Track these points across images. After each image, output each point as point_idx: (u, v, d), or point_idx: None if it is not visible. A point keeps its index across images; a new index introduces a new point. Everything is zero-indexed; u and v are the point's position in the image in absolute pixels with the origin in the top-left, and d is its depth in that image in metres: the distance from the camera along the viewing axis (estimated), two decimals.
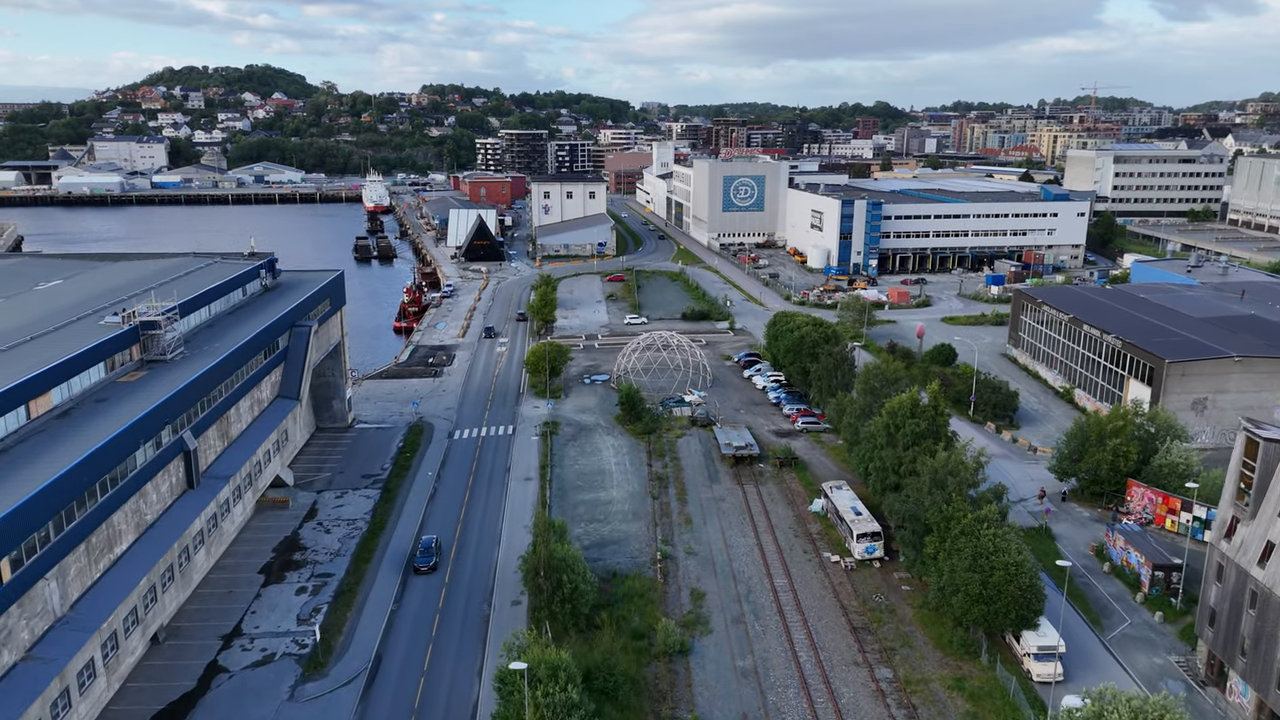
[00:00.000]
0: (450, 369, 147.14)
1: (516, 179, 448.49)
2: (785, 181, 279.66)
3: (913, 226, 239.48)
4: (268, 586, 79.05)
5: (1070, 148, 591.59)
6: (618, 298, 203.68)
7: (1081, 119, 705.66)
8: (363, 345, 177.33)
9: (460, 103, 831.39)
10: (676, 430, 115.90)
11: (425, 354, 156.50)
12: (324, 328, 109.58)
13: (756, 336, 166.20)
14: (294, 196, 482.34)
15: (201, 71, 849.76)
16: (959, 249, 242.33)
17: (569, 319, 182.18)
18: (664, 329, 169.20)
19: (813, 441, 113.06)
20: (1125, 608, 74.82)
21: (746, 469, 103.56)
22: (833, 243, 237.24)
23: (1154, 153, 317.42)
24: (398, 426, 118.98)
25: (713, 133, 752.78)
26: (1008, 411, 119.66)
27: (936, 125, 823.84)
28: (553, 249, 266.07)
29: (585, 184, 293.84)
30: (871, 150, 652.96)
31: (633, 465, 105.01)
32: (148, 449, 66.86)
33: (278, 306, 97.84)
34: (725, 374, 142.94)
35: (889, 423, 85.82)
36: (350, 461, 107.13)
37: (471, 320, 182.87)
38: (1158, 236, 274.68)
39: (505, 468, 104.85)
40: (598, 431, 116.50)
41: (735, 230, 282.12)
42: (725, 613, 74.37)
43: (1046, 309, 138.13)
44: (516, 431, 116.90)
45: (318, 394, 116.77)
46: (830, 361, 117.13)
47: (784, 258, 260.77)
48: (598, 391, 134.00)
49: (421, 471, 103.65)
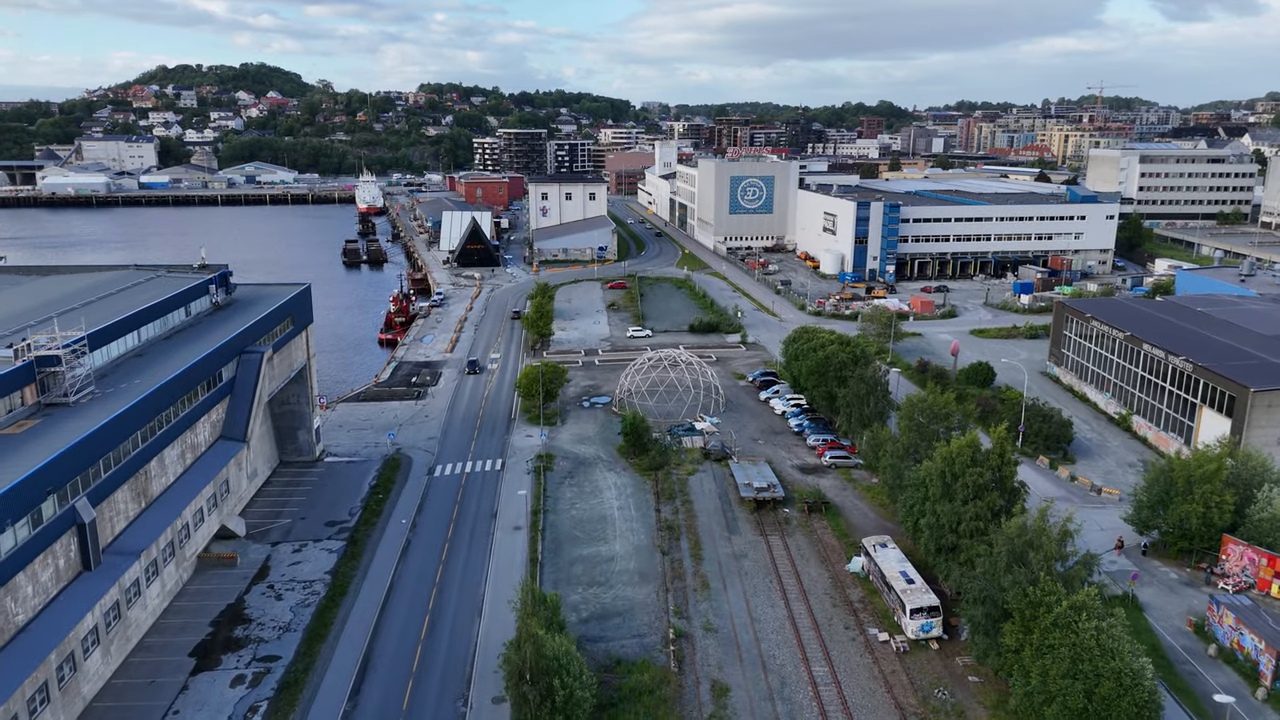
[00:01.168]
0: (435, 389, 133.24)
1: (514, 179, 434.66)
2: (795, 182, 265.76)
3: (931, 230, 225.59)
4: (198, 674, 65.12)
5: (1081, 147, 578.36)
6: (620, 307, 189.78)
7: (1091, 118, 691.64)
8: (344, 360, 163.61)
9: (458, 102, 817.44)
10: (687, 465, 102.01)
11: (409, 372, 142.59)
12: (286, 351, 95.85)
13: (771, 351, 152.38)
14: (285, 197, 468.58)
15: (195, 70, 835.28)
16: (981, 254, 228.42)
17: (567, 331, 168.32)
18: (670, 343, 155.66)
19: (843, 479, 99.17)
20: (1247, 709, 60.92)
21: (770, 515, 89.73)
22: (847, 247, 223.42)
23: (1181, 152, 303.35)
24: (371, 460, 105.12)
25: (715, 132, 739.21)
26: (1061, 443, 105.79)
27: (942, 125, 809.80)
28: (550, 254, 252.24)
29: (585, 185, 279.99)
30: (877, 150, 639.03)
31: (638, 510, 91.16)
32: (19, 529, 52.75)
33: (226, 329, 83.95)
34: (739, 396, 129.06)
35: (944, 470, 72.03)
36: (314, 504, 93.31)
37: (461, 332, 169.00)
38: (1187, 240, 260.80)
39: (491, 513, 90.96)
40: (598, 466, 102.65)
41: (743, 233, 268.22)
42: (755, 715, 60.54)
43: (1096, 324, 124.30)
44: (506, 467, 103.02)
45: (281, 424, 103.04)
46: (861, 387, 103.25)
47: (795, 263, 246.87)
48: (598, 417, 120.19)
49: (395, 519, 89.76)
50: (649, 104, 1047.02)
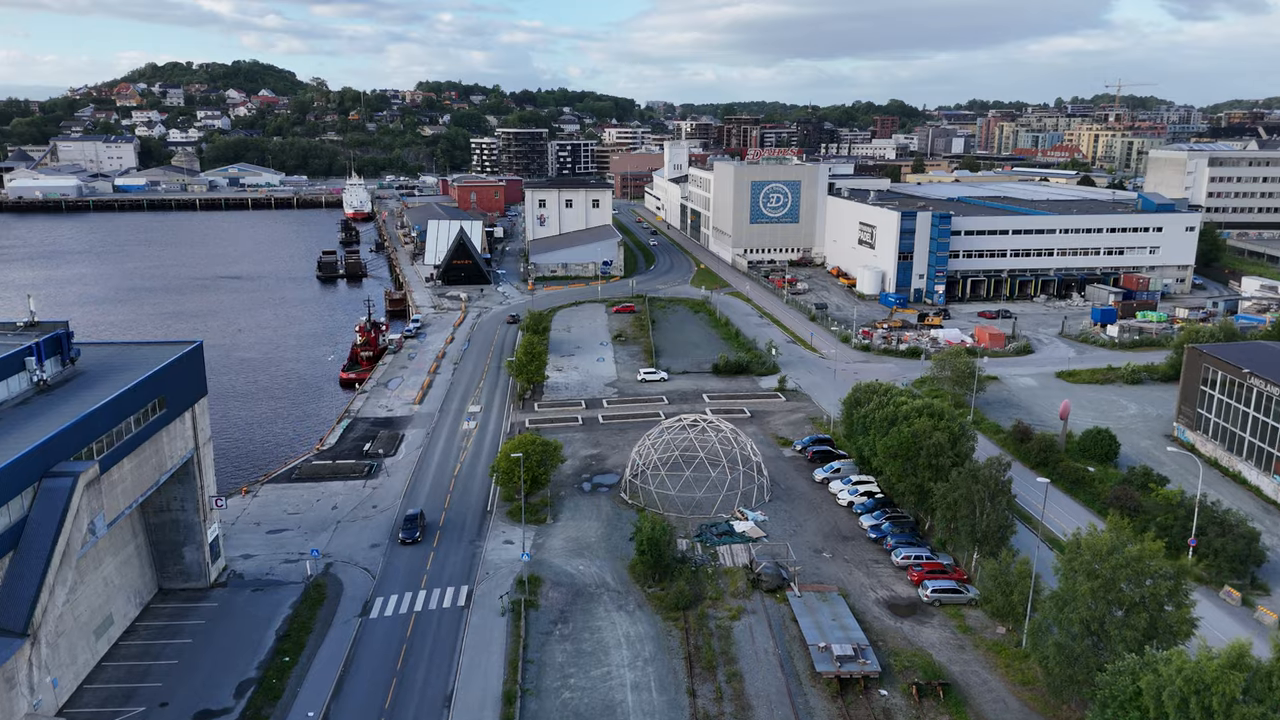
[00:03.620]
0: (393, 461, 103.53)
1: (512, 182, 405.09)
2: (825, 188, 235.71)
3: (985, 243, 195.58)
4: None
5: (1112, 147, 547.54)
6: (628, 338, 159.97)
7: (1119, 116, 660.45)
8: (297, 410, 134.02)
9: (457, 100, 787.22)
10: (729, 602, 72.23)
11: (363, 434, 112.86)
12: (154, 445, 66.30)
13: (818, 402, 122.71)
14: (269, 202, 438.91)
15: (185, 68, 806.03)
16: (1042, 271, 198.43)
17: (565, 372, 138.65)
18: (691, 389, 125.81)
19: (956, 628, 69.23)
20: None
21: (859, 700, 60.04)
22: (889, 263, 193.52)
23: (1255, 154, 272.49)
24: (288, 585, 75.52)
25: (724, 132, 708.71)
26: (1247, 563, 75.92)
27: (958, 124, 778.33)
28: (548, 269, 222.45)
29: (587, 190, 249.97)
30: (894, 150, 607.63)
31: (662, 693, 61.39)
32: None
33: (30, 433, 54.68)
34: (787, 473, 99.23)
35: (1184, 691, 42.37)
36: (191, 669, 63.81)
37: (437, 373, 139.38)
38: (1268, 254, 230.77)
39: (444, 698, 61.26)
40: (601, 601, 72.91)
41: (765, 245, 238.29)
42: None
43: (1256, 383, 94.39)
44: (473, 600, 73.32)
45: (159, 539, 73.64)
46: (972, 488, 73.10)
47: (826, 279, 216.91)
48: (602, 508, 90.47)
49: (298, 708, 60.09)
50: (654, 103, 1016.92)
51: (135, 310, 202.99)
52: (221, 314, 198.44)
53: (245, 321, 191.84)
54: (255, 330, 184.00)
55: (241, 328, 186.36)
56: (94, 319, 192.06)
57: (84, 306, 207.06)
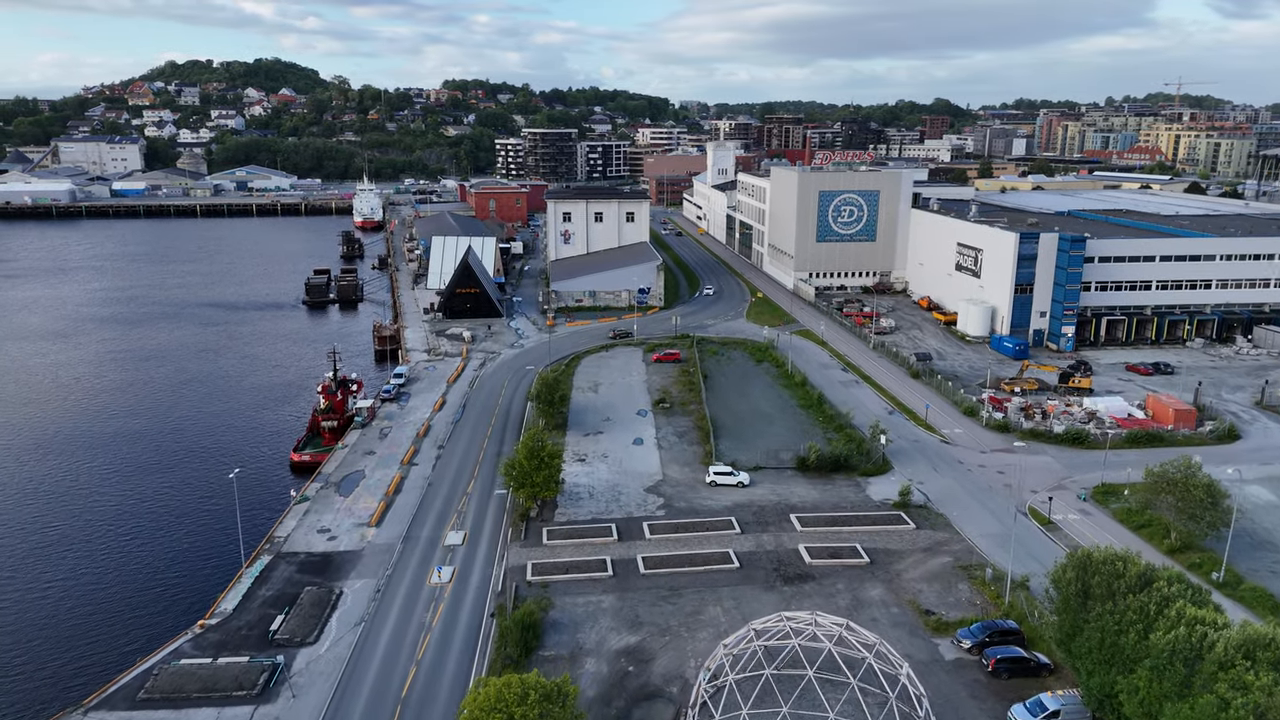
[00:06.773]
0: (309, 659, 64.77)
1: (536, 188, 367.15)
2: (908, 199, 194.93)
3: (1121, 272, 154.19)
4: None
5: (1196, 149, 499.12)
6: (673, 404, 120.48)
7: (1194, 115, 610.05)
8: (204, 533, 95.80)
9: (484, 99, 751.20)
10: None
11: (281, 589, 74.18)
12: None
13: (958, 525, 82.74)
14: (274, 208, 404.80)
15: (205, 66, 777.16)
16: (1197, 308, 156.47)
17: (588, 463, 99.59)
18: (771, 500, 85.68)
19: None
20: None
21: None
22: (1001, 297, 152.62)
23: None
24: None
25: (764, 132, 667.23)
26: None
27: (1012, 124, 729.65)
28: (573, 298, 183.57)
29: (620, 202, 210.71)
30: (948, 152, 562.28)
31: None
32: None
33: None
34: (953, 695, 59.13)
35: None
36: None
37: (412, 463, 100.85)
38: None
39: None
40: None
41: (834, 267, 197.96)
42: None
43: None
44: None
45: None
46: None
47: (913, 312, 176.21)
48: None
49: None
50: (688, 103, 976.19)
51: (71, 350, 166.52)
52: (173, 359, 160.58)
53: (198, 368, 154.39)
54: (206, 382, 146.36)
55: (191, 377, 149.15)
56: (3, 364, 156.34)
57: (13, 342, 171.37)
